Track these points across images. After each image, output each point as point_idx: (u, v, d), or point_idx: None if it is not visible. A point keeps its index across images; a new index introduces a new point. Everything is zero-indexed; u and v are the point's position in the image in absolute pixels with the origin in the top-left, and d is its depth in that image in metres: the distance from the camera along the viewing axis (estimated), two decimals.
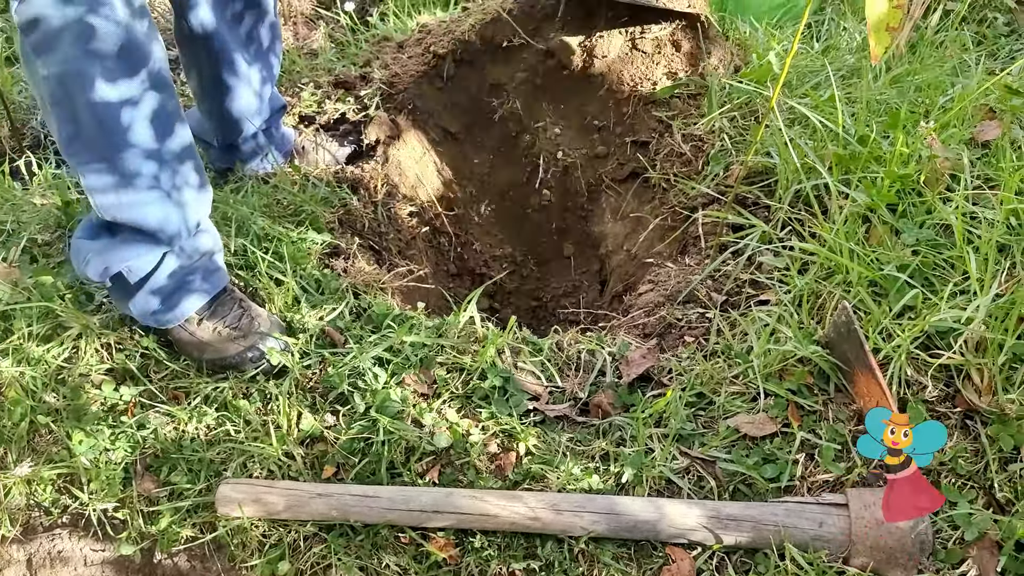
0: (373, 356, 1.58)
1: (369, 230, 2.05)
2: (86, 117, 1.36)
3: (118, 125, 1.38)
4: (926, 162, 1.70)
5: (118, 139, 1.39)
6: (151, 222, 1.49)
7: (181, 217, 1.51)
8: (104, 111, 1.36)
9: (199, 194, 1.55)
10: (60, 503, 1.56)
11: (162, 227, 1.50)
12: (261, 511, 1.43)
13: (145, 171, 1.44)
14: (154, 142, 1.42)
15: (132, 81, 1.37)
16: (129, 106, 1.37)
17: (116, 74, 1.34)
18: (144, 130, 1.40)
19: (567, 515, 1.34)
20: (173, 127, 1.46)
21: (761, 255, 1.75)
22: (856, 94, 2.04)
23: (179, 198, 1.50)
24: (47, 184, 2.16)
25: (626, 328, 1.78)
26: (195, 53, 1.82)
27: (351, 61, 2.64)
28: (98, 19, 1.29)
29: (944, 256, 1.58)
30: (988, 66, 2.30)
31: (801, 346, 1.50)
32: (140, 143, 1.41)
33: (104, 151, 1.40)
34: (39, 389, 1.60)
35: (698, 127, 2.16)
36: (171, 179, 1.47)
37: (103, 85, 1.33)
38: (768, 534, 1.30)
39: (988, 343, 1.41)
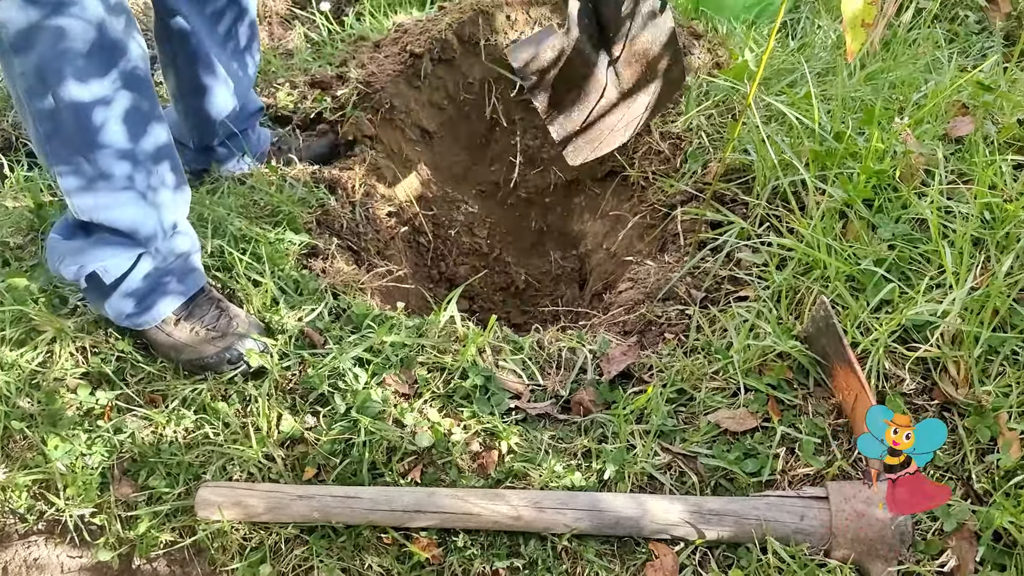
0: (353, 356, 1.57)
1: (347, 230, 2.04)
2: (60, 116, 1.34)
3: (91, 125, 1.36)
4: (901, 158, 1.71)
5: (91, 139, 1.37)
6: (126, 223, 1.47)
7: (157, 218, 1.50)
8: (77, 111, 1.34)
9: (175, 195, 1.53)
10: (36, 509, 1.54)
11: (137, 228, 1.48)
12: (241, 514, 1.41)
13: (118, 171, 1.42)
14: (128, 142, 1.41)
15: (103, 81, 1.35)
16: (101, 105, 1.35)
17: (87, 74, 1.32)
18: (117, 130, 1.38)
19: (550, 513, 1.34)
20: (148, 127, 1.44)
21: (740, 251, 1.76)
22: (832, 91, 2.05)
23: (154, 199, 1.48)
24: (19, 187, 2.12)
25: (606, 326, 1.78)
26: (173, 52, 1.80)
27: (327, 61, 2.62)
28: (66, 19, 1.27)
29: (920, 250, 1.59)
30: (960, 63, 2.32)
31: (780, 341, 1.50)
32: (113, 143, 1.39)
33: (78, 151, 1.38)
34: (13, 394, 1.58)
35: (676, 125, 2.16)
36: (146, 179, 1.45)
37: (74, 85, 1.32)
38: (750, 528, 1.31)
39: (964, 336, 1.43)
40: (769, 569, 1.28)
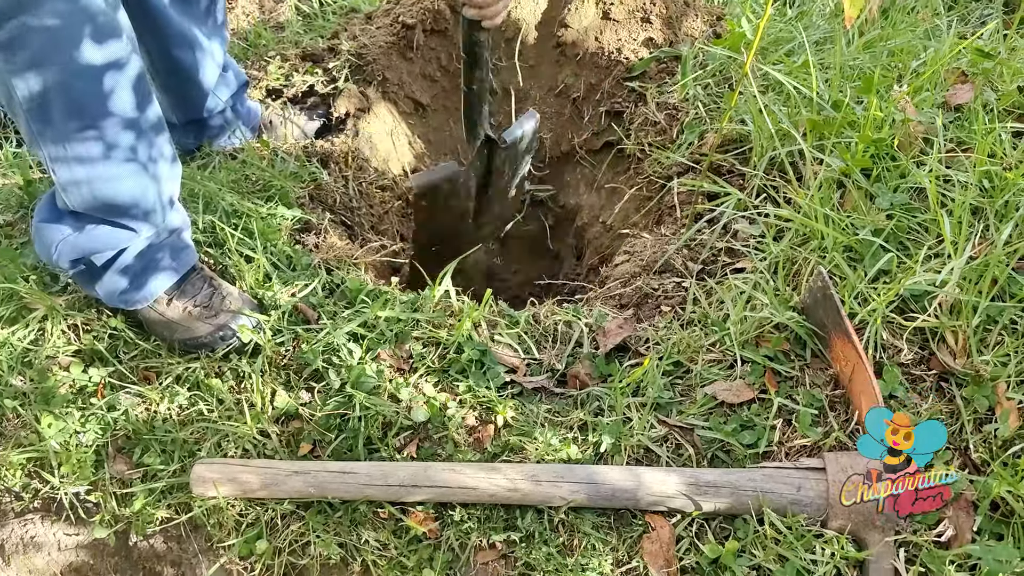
0: (347, 332, 1.56)
1: (340, 205, 2.02)
2: (66, 83, 1.28)
3: (100, 91, 1.30)
4: (900, 126, 1.69)
5: (99, 107, 1.31)
6: (125, 198, 1.42)
7: (156, 192, 1.45)
8: (85, 76, 1.28)
9: (172, 168, 1.49)
10: (31, 487, 1.54)
11: (137, 202, 1.44)
12: (237, 490, 1.41)
13: (123, 142, 1.36)
14: (135, 110, 1.35)
15: (120, 42, 1.29)
16: (114, 70, 1.29)
17: (103, 34, 1.26)
18: (126, 97, 1.33)
19: (546, 485, 1.33)
20: (151, 94, 1.40)
21: (736, 223, 1.75)
22: (830, 60, 2.03)
23: (155, 171, 1.43)
24: (8, 163, 2.10)
25: (602, 299, 1.77)
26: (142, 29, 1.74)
27: (318, 34, 2.59)
28: None
29: (918, 220, 1.58)
30: (959, 30, 2.30)
31: (777, 313, 1.49)
32: (121, 111, 1.34)
33: (81, 122, 1.32)
34: (5, 372, 1.57)
35: (672, 96, 2.14)
36: (147, 151, 1.41)
37: (89, 46, 1.25)
38: (747, 500, 1.30)
39: (962, 305, 1.42)
40: (766, 540, 1.28)
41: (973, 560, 1.24)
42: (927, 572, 1.25)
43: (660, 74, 2.23)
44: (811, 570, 1.26)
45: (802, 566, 1.26)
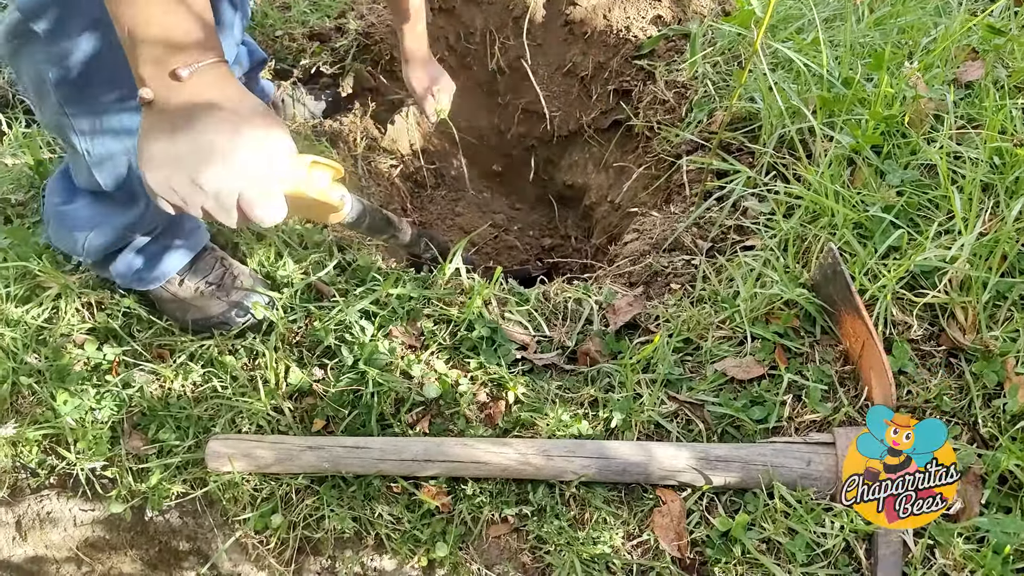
0: (359, 309, 1.57)
1: (349, 184, 2.02)
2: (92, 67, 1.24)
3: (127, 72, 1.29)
4: (910, 103, 1.69)
5: (127, 88, 1.26)
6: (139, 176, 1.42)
7: None
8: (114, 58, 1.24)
9: None
10: (47, 464, 1.55)
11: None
12: (252, 466, 1.42)
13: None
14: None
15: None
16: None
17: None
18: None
19: (558, 460, 1.35)
20: None
21: (746, 200, 1.75)
22: (840, 37, 2.02)
23: None
24: (18, 143, 2.10)
25: (612, 277, 1.78)
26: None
27: (325, 13, 2.58)
28: None
29: (929, 196, 1.58)
30: (970, 7, 2.28)
31: (787, 289, 1.50)
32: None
33: (107, 103, 1.29)
34: (20, 350, 1.58)
35: (681, 74, 2.13)
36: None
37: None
38: (757, 474, 1.32)
39: (972, 281, 1.42)
40: (776, 514, 1.29)
41: (981, 533, 1.25)
42: (935, 545, 1.26)
43: (669, 52, 2.22)
44: (820, 543, 1.27)
45: (811, 539, 1.27)
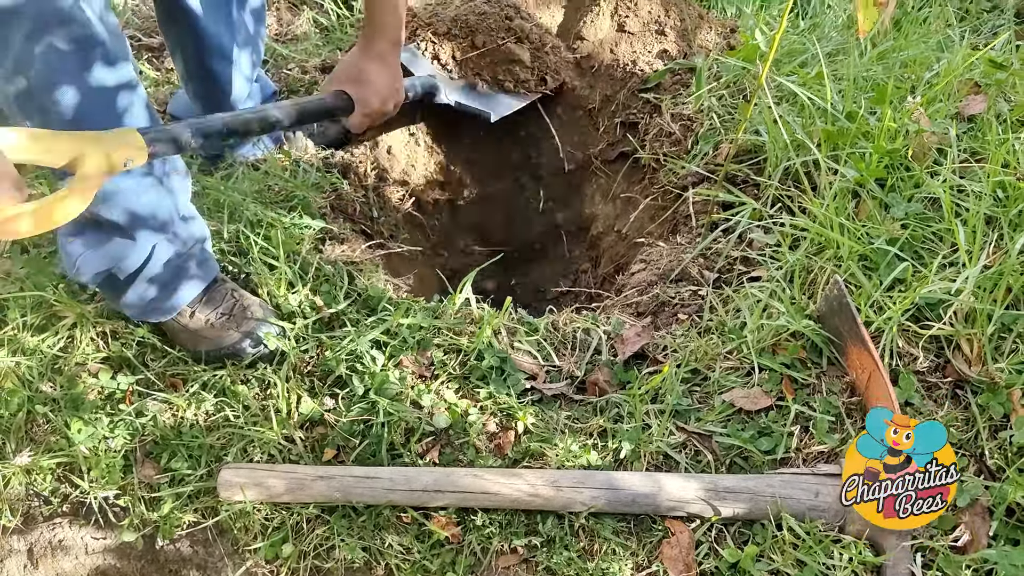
0: (370, 339, 1.59)
1: (360, 214, 2.05)
2: (80, 104, 1.31)
3: (115, 110, 1.35)
4: (913, 137, 1.71)
5: (115, 125, 1.36)
6: (143, 210, 1.47)
7: (171, 204, 1.50)
8: (101, 96, 1.33)
9: (183, 180, 1.54)
10: (60, 492, 1.57)
11: (154, 214, 1.49)
12: (263, 495, 1.43)
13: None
14: (149, 125, 1.41)
15: (128, 63, 1.34)
16: (127, 90, 1.35)
17: (114, 56, 1.31)
18: (141, 113, 1.38)
19: (567, 491, 1.36)
20: (156, 117, 1.45)
21: (752, 232, 1.77)
22: (843, 71, 2.05)
23: (169, 184, 1.49)
24: (34, 174, 2.14)
25: (620, 307, 1.80)
26: (180, 35, 1.80)
27: (336, 46, 2.63)
28: (81, 9, 1.24)
29: (933, 229, 1.60)
30: (972, 41, 2.32)
31: (794, 321, 1.51)
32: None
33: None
34: (35, 379, 1.60)
35: (687, 107, 2.17)
36: (162, 166, 1.46)
37: (101, 69, 1.29)
38: (765, 505, 1.32)
39: (977, 313, 1.44)
40: (784, 545, 1.30)
41: (989, 565, 1.26)
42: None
43: (675, 85, 2.25)
44: (829, 575, 1.27)
45: (820, 571, 1.28)
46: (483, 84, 2.29)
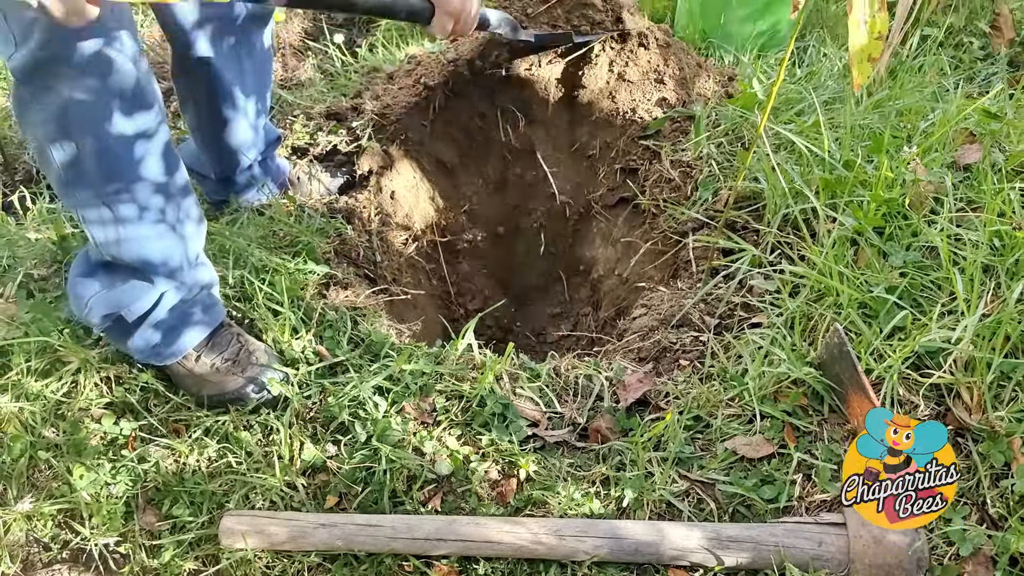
0: (373, 385, 1.60)
1: (364, 259, 2.07)
2: (98, 152, 1.36)
3: (131, 159, 1.38)
4: (910, 186, 1.74)
5: (130, 174, 1.40)
6: (155, 257, 1.50)
7: (183, 250, 1.53)
8: (118, 145, 1.36)
9: (198, 227, 1.57)
10: (60, 538, 1.56)
11: (165, 261, 1.51)
12: (264, 543, 1.43)
13: (153, 205, 1.45)
14: (163, 175, 1.44)
15: (148, 114, 1.38)
16: (143, 139, 1.38)
17: (133, 107, 1.35)
18: (155, 164, 1.42)
19: (570, 540, 1.35)
20: (178, 161, 1.48)
21: (752, 278, 1.79)
22: (840, 119, 2.08)
23: (182, 231, 1.51)
24: (41, 219, 2.16)
25: (622, 352, 1.80)
26: (193, 85, 1.84)
27: (341, 92, 2.67)
28: (113, 52, 1.30)
29: (931, 277, 1.61)
30: (966, 90, 2.36)
31: (795, 368, 1.52)
32: (151, 177, 1.42)
33: (113, 186, 1.41)
34: (38, 424, 1.60)
35: (686, 154, 2.20)
36: (175, 213, 1.49)
37: (120, 118, 1.34)
38: (768, 555, 1.32)
39: (976, 362, 1.44)
40: None
41: None
42: None
43: (674, 133, 2.29)
44: None
45: None
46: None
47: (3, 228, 2.09)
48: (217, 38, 1.78)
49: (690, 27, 2.90)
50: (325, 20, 3.43)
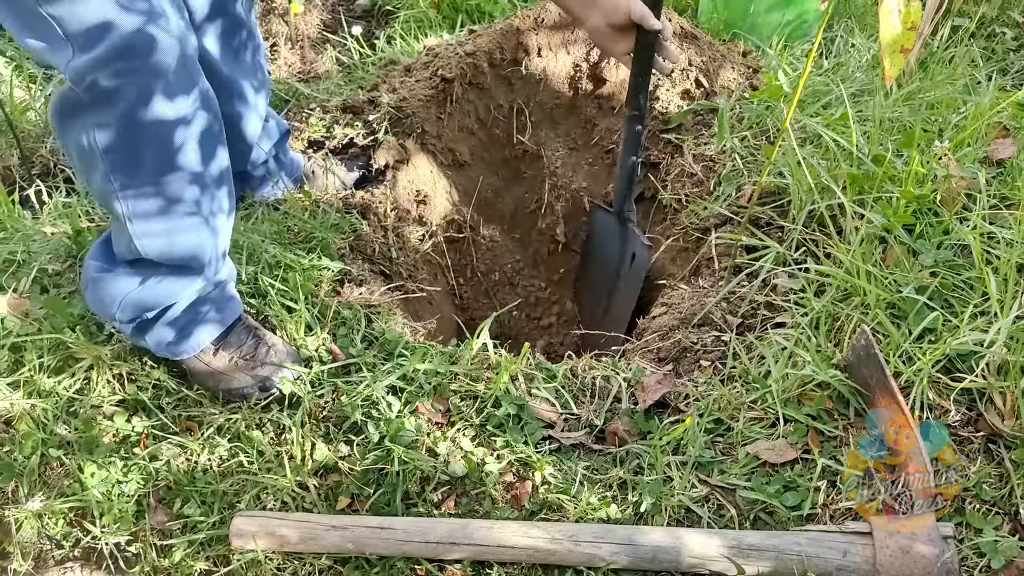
0: (386, 384, 1.57)
1: (379, 255, 2.04)
2: (137, 138, 1.29)
3: (170, 146, 1.31)
4: (942, 181, 1.68)
5: (167, 162, 1.32)
6: (186, 250, 1.44)
7: (214, 244, 1.47)
8: (157, 130, 1.28)
9: (228, 220, 1.50)
10: (72, 536, 1.55)
11: (196, 255, 1.45)
12: (275, 544, 1.41)
13: (188, 196, 1.37)
14: (199, 165, 1.36)
15: (188, 98, 1.29)
16: (183, 125, 1.30)
17: (175, 90, 1.26)
18: (193, 152, 1.33)
19: (586, 546, 1.32)
20: (217, 149, 1.40)
21: (776, 277, 1.74)
22: (868, 112, 2.03)
23: (214, 224, 1.45)
24: (57, 213, 2.15)
25: (641, 352, 1.76)
26: None
27: (358, 85, 2.64)
28: (157, 30, 1.20)
29: (963, 277, 1.56)
30: (999, 82, 2.29)
31: (820, 370, 1.48)
32: (187, 166, 1.34)
33: (150, 175, 1.33)
34: (50, 421, 1.59)
35: (709, 148, 2.15)
36: (209, 204, 1.42)
37: (161, 102, 1.26)
38: (791, 564, 1.28)
39: (1010, 366, 1.39)
40: None
41: None
42: None
43: (697, 126, 2.24)
44: None
45: None
46: None
47: (18, 222, 2.08)
48: (226, 36, 1.74)
49: (713, 17, 2.84)
50: (343, 12, 3.40)
